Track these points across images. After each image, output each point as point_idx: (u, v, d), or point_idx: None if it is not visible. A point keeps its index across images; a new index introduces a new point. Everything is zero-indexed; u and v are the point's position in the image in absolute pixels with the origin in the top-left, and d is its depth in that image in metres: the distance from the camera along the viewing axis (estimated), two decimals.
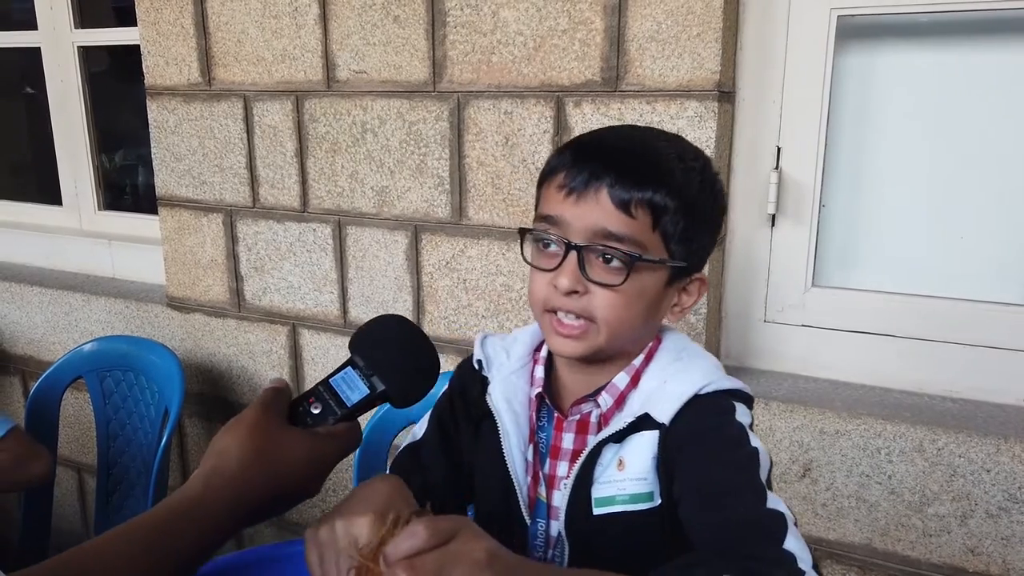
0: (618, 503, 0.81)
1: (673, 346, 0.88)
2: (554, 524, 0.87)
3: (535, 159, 1.53)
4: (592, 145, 0.83)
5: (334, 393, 0.76)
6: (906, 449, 1.33)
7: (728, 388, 0.81)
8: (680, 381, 0.81)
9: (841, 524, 1.40)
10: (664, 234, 0.79)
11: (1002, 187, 1.40)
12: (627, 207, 0.77)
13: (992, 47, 1.37)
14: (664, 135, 0.86)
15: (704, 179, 0.82)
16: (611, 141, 0.84)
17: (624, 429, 0.81)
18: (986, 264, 1.43)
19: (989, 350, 1.38)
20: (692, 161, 0.82)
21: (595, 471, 0.82)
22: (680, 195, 0.78)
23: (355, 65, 1.67)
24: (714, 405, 0.80)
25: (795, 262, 1.49)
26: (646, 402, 0.81)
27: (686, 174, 0.80)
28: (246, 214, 1.89)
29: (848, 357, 1.47)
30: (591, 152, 0.81)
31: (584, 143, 0.84)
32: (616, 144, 0.83)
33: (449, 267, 1.67)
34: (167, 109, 1.93)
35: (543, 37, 1.47)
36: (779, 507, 0.71)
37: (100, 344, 1.84)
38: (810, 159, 1.44)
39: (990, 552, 1.31)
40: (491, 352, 0.94)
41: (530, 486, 0.89)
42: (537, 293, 0.82)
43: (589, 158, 0.79)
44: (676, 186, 0.78)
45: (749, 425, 0.80)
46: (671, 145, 0.83)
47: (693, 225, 0.80)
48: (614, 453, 0.82)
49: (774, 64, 1.42)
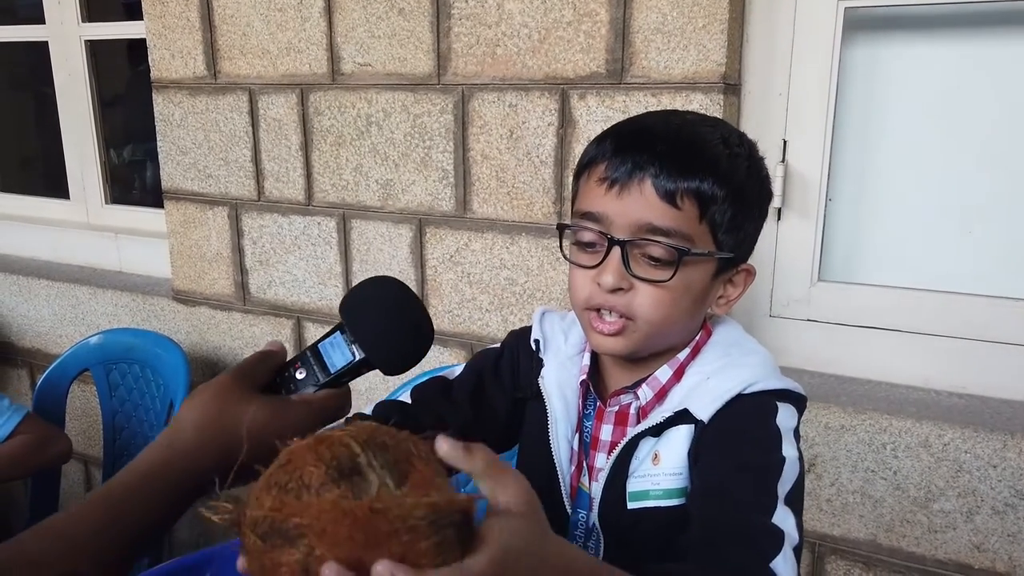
0: (652, 498, 0.78)
1: (724, 340, 0.84)
2: (592, 516, 0.85)
3: (539, 152, 1.52)
4: (634, 133, 0.79)
5: (320, 358, 0.72)
6: (912, 444, 1.32)
7: (776, 388, 0.77)
8: (725, 378, 0.78)
9: (846, 520, 1.39)
10: (712, 224, 0.75)
11: (1012, 181, 1.38)
12: (673, 198, 0.73)
13: (1001, 39, 1.36)
14: (707, 119, 0.82)
15: (751, 164, 0.79)
16: (653, 128, 0.79)
17: (662, 423, 0.78)
18: (995, 259, 1.42)
19: (997, 345, 1.36)
20: (737, 147, 0.78)
21: (631, 464, 0.80)
22: (728, 182, 0.75)
23: (360, 58, 1.67)
24: (756, 406, 0.76)
25: (801, 256, 1.47)
26: (686, 397, 0.79)
27: (732, 160, 0.76)
28: (251, 207, 1.89)
29: (854, 352, 1.46)
30: (633, 141, 0.76)
31: (625, 131, 0.79)
32: (658, 131, 0.78)
33: (453, 261, 1.67)
34: (173, 102, 1.93)
35: (548, 29, 1.46)
36: (783, 525, 0.69)
37: (106, 337, 1.84)
38: (816, 153, 1.43)
39: (996, 549, 1.30)
40: (549, 332, 0.92)
41: (573, 475, 0.87)
42: (579, 291, 0.79)
43: (631, 147, 0.75)
44: (723, 173, 0.75)
45: (793, 429, 0.77)
46: (715, 130, 0.79)
47: (741, 213, 0.77)
48: (651, 447, 0.79)
49: (780, 56, 1.41)
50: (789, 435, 0.76)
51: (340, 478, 0.46)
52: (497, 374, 0.94)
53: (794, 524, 0.70)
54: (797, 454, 0.75)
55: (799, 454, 0.76)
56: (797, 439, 0.78)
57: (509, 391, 0.93)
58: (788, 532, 0.69)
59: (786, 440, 0.75)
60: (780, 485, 0.72)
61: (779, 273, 1.49)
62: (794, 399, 0.79)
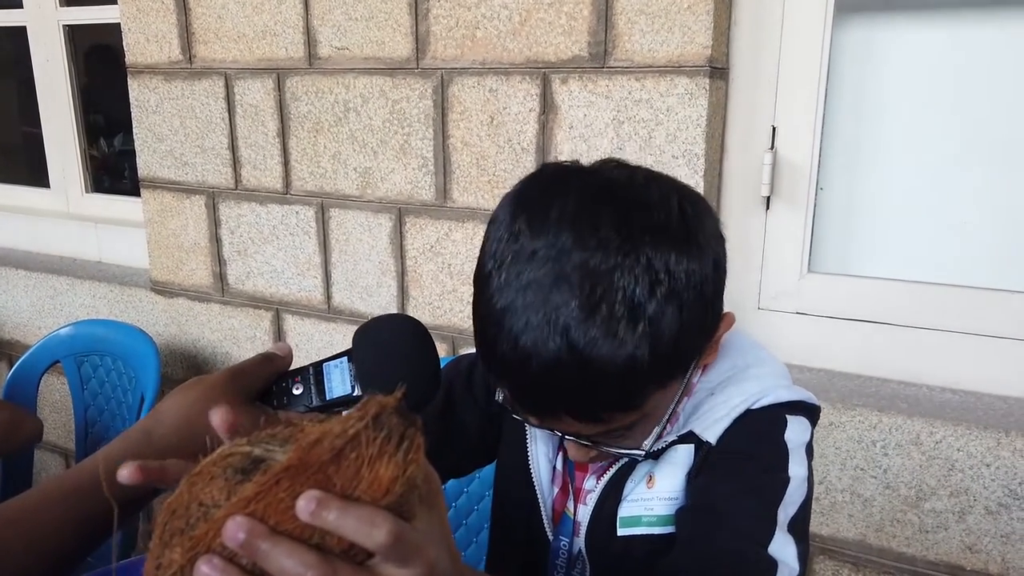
0: (644, 524, 0.72)
1: (732, 352, 0.76)
2: (576, 542, 0.78)
3: (520, 139, 1.47)
4: (522, 369, 0.61)
5: (320, 379, 0.67)
6: (902, 442, 1.28)
7: (787, 400, 0.71)
8: (731, 393, 0.71)
9: (834, 519, 1.35)
10: (657, 389, 0.64)
11: (1007, 170, 1.34)
12: (599, 419, 0.64)
13: (996, 22, 1.31)
14: (621, 253, 0.59)
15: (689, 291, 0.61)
16: (545, 361, 0.59)
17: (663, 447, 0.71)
18: (989, 250, 1.37)
19: (992, 339, 1.32)
20: (666, 283, 0.59)
21: (626, 487, 0.74)
22: (656, 352, 0.59)
23: (337, 41, 1.62)
24: (764, 421, 0.70)
25: (790, 247, 1.43)
26: (691, 416, 0.72)
27: (656, 323, 0.59)
28: (229, 196, 1.84)
29: (844, 346, 1.42)
30: (526, 385, 0.62)
31: (508, 362, 0.61)
32: (554, 369, 0.59)
33: (433, 251, 1.62)
34: (148, 88, 1.88)
35: (529, 11, 1.41)
36: (781, 554, 0.63)
37: (77, 328, 1.80)
38: (807, 139, 1.38)
39: (989, 550, 1.26)
40: None
41: (557, 499, 0.80)
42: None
43: (528, 395, 0.63)
44: (639, 380, 0.61)
45: (806, 444, 0.71)
46: (623, 296, 0.58)
47: (684, 357, 0.64)
48: (648, 468, 0.73)
49: (770, 40, 1.36)
50: (799, 452, 0.70)
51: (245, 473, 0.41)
52: (470, 386, 0.88)
53: (795, 553, 0.64)
54: (806, 473, 0.69)
55: (809, 472, 0.70)
56: (810, 455, 0.72)
57: (482, 405, 0.87)
58: (785, 562, 0.63)
59: (794, 458, 0.69)
60: (782, 509, 0.65)
61: (767, 264, 1.45)
62: (807, 410, 0.73)
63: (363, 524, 0.38)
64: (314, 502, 0.37)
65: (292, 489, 0.39)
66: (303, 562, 0.38)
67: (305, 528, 0.39)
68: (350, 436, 0.39)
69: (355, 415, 0.40)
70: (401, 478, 0.40)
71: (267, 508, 0.39)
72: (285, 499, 0.39)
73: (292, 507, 0.38)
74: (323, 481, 0.39)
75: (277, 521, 0.39)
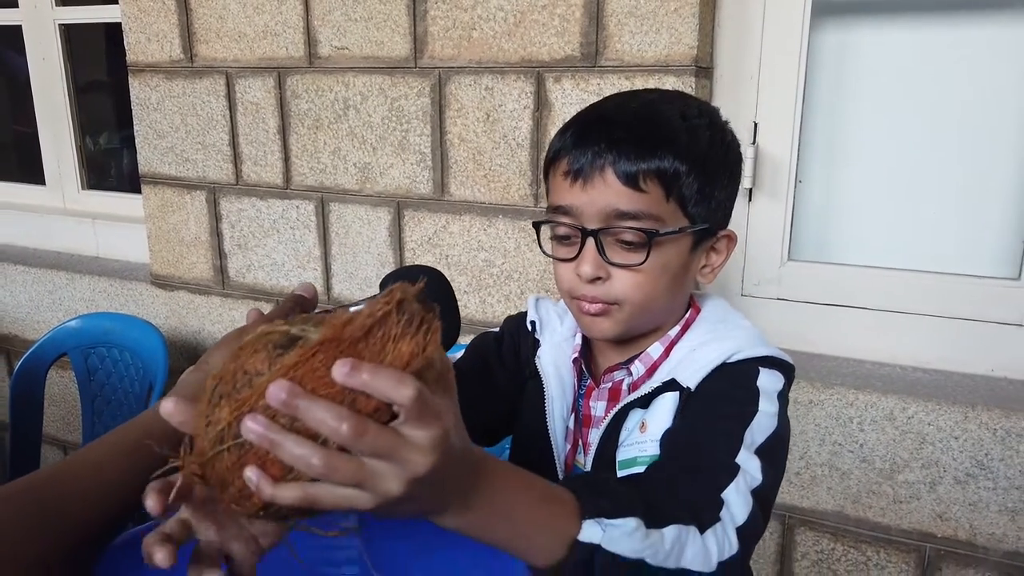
0: (639, 464, 0.80)
1: (711, 316, 0.86)
2: None
3: (516, 135, 1.54)
4: (591, 122, 0.79)
5: None
6: (877, 418, 1.36)
7: (761, 355, 0.79)
8: (710, 349, 0.80)
9: (814, 492, 1.43)
10: (680, 200, 0.76)
11: (977, 163, 1.42)
12: (635, 182, 0.74)
13: (967, 23, 1.39)
14: (666, 96, 0.83)
15: (713, 132, 0.79)
16: (610, 114, 0.80)
17: (650, 393, 0.80)
18: (956, 239, 1.46)
19: (959, 321, 1.41)
20: (696, 118, 0.78)
21: (620, 434, 0.82)
22: (689, 155, 0.75)
23: (337, 41, 1.67)
24: (738, 370, 0.79)
25: (772, 236, 1.51)
26: (674, 368, 0.81)
27: (692, 132, 0.77)
28: (229, 191, 1.90)
29: (823, 329, 1.50)
30: (591, 130, 0.78)
31: (583, 121, 0.80)
32: (615, 117, 0.79)
33: (431, 243, 1.68)
34: (149, 86, 1.92)
35: (523, 12, 1.48)
36: (745, 464, 0.70)
37: (84, 321, 1.84)
38: (786, 135, 1.46)
39: (958, 518, 1.34)
40: (545, 315, 0.94)
41: (569, 453, 0.88)
42: (563, 283, 0.81)
43: (589, 137, 0.76)
44: (683, 147, 0.75)
45: (778, 393, 0.78)
46: (673, 105, 0.79)
47: (708, 183, 0.77)
48: (640, 417, 0.81)
49: (751, 40, 1.44)
50: (771, 396, 0.77)
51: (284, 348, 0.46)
52: (500, 356, 0.96)
53: (758, 466, 0.70)
54: (775, 411, 0.76)
55: (781, 414, 0.77)
56: (783, 402, 0.79)
57: (513, 372, 0.95)
58: (748, 470, 0.69)
59: (764, 397, 0.76)
60: (749, 433, 0.73)
61: (750, 253, 1.52)
62: (780, 365, 0.81)
63: (392, 382, 0.44)
64: (348, 365, 0.44)
65: (327, 360, 0.45)
66: (337, 415, 0.44)
67: (337, 394, 0.45)
68: (378, 317, 0.45)
69: (382, 300, 0.46)
70: (420, 355, 0.46)
71: (304, 376, 0.45)
72: (320, 368, 0.45)
73: (327, 376, 0.44)
74: (353, 354, 0.45)
75: (313, 387, 0.45)
